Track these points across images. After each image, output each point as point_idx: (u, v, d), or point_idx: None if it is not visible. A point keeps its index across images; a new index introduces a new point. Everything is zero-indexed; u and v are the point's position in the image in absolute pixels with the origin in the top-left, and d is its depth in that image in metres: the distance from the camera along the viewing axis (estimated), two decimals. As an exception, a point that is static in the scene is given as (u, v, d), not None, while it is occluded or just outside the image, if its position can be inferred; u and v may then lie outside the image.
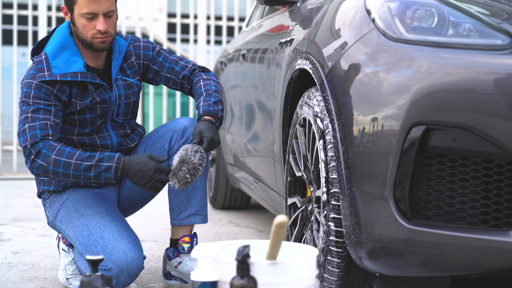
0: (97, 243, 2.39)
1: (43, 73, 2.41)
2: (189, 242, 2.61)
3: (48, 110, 2.40)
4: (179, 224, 2.62)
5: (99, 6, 2.40)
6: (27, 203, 4.76)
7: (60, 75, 2.42)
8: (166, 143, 2.59)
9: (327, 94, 2.12)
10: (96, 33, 2.43)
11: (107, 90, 2.53)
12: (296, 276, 1.68)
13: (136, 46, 2.63)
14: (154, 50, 2.66)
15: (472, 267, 1.85)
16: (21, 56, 10.37)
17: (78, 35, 2.46)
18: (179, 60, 2.68)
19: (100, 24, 2.41)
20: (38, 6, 6.58)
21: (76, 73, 2.44)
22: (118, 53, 2.57)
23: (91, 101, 2.50)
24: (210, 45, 7.12)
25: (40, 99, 2.40)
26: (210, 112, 2.50)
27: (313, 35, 2.36)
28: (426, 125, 1.84)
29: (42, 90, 2.40)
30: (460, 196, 1.85)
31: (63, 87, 2.44)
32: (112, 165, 2.32)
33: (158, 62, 2.66)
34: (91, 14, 2.40)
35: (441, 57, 1.88)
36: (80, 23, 2.43)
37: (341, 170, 2.00)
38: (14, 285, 2.63)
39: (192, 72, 2.67)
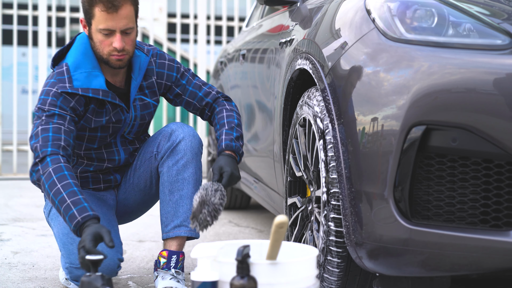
0: (73, 240, 2.39)
1: (65, 84, 2.34)
2: (165, 258, 2.45)
3: (63, 117, 2.32)
4: (166, 237, 2.48)
5: (116, 22, 2.31)
6: (27, 203, 4.76)
7: (82, 89, 2.35)
8: (155, 147, 2.53)
9: (327, 94, 2.12)
10: (112, 50, 2.34)
11: (124, 111, 2.46)
12: (296, 276, 1.68)
13: (160, 64, 2.54)
14: (179, 71, 2.58)
15: (472, 267, 1.85)
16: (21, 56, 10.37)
17: (95, 51, 2.38)
18: (203, 85, 2.61)
19: (116, 42, 2.32)
20: (38, 6, 6.58)
21: (98, 90, 2.37)
22: (138, 71, 2.48)
23: (107, 120, 2.44)
24: (210, 45, 7.12)
25: (56, 106, 2.32)
26: (233, 147, 2.44)
27: (313, 35, 2.36)
28: (426, 125, 1.83)
29: (60, 99, 2.33)
30: (460, 196, 1.85)
31: (81, 100, 2.37)
32: (77, 218, 2.14)
33: (181, 85, 2.58)
34: (108, 30, 2.31)
35: (441, 57, 1.88)
36: (97, 38, 2.35)
37: (341, 170, 2.00)
38: (14, 285, 2.63)
39: (215, 100, 2.60)
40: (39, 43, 6.56)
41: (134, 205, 2.68)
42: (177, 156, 2.48)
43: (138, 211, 2.73)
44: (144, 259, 3.08)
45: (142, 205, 2.69)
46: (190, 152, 2.49)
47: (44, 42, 6.57)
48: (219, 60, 4.64)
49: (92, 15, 2.32)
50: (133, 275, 2.79)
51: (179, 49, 7.01)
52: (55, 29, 6.80)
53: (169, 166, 2.48)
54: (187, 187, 2.47)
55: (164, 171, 2.49)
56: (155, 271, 2.48)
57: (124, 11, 2.32)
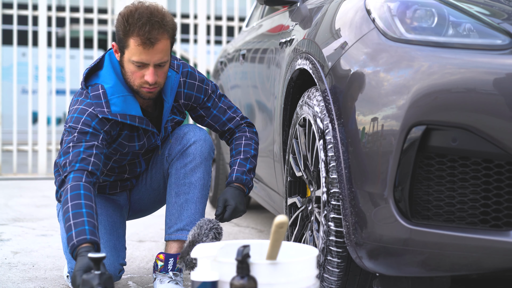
0: None
1: (103, 108, 2.29)
2: (163, 261, 2.44)
3: (95, 135, 2.26)
4: (168, 239, 2.48)
5: (151, 57, 2.23)
6: (27, 203, 4.76)
7: (120, 116, 2.30)
8: (166, 150, 2.52)
9: (327, 94, 2.12)
10: (144, 82, 2.27)
11: (155, 134, 2.44)
12: (296, 276, 1.68)
13: (190, 85, 2.49)
14: (206, 93, 2.53)
15: (472, 267, 1.85)
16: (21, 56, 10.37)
17: (125, 79, 2.32)
18: (228, 109, 2.58)
19: (149, 76, 2.25)
20: (38, 6, 6.58)
21: (135, 117, 2.33)
22: (170, 92, 2.43)
23: (140, 146, 2.42)
24: (210, 45, 7.12)
25: (90, 127, 2.26)
26: (243, 181, 2.45)
27: (313, 35, 2.36)
28: (426, 125, 1.83)
29: (96, 120, 2.28)
30: (460, 196, 1.85)
31: (115, 125, 2.33)
32: (73, 241, 2.07)
33: (206, 107, 2.55)
34: (141, 63, 2.25)
35: (441, 57, 1.88)
36: (129, 68, 2.28)
37: (341, 170, 2.00)
38: (14, 285, 2.63)
39: (237, 126, 2.59)
40: (39, 43, 6.56)
41: (148, 204, 2.70)
42: (186, 159, 2.47)
43: (153, 208, 2.75)
44: (144, 259, 3.08)
45: (156, 203, 2.71)
46: (199, 157, 2.47)
47: (44, 42, 6.57)
48: (219, 60, 4.64)
49: (126, 45, 2.25)
50: (133, 275, 2.79)
51: (179, 49, 7.01)
52: (55, 29, 6.80)
53: (177, 168, 2.48)
54: (193, 191, 2.46)
55: (172, 173, 2.49)
56: (153, 273, 2.48)
57: (160, 45, 2.24)
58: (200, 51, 6.99)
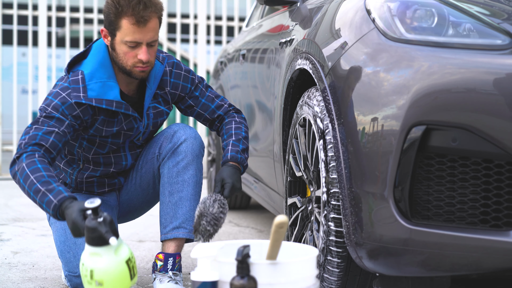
0: (70, 248, 2.40)
1: (79, 93, 2.33)
2: (162, 261, 2.45)
3: (61, 120, 2.30)
4: (164, 239, 2.48)
5: (144, 35, 2.30)
6: (27, 203, 4.76)
7: (96, 100, 2.34)
8: (157, 149, 2.53)
9: (327, 94, 2.12)
10: (137, 62, 2.33)
11: (137, 120, 2.46)
12: (296, 276, 1.68)
13: (176, 74, 2.53)
14: (193, 83, 2.57)
15: (472, 267, 1.85)
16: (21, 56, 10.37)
17: (117, 61, 2.37)
18: (215, 98, 2.61)
19: (142, 54, 2.31)
20: (38, 6, 6.58)
21: (112, 101, 2.36)
22: (153, 79, 2.47)
23: (118, 130, 2.44)
24: (210, 45, 7.12)
25: (58, 112, 2.31)
26: (238, 159, 2.46)
27: (313, 35, 2.36)
28: (426, 125, 1.83)
29: (65, 105, 2.32)
30: (460, 196, 1.85)
31: (88, 111, 2.36)
32: (53, 202, 2.12)
33: (194, 96, 2.58)
34: (134, 42, 2.31)
35: (441, 57, 1.88)
36: (121, 49, 2.33)
37: (341, 170, 2.00)
38: (14, 285, 2.63)
39: (226, 112, 2.62)
40: (39, 43, 6.56)
41: (137, 204, 2.69)
42: (178, 157, 2.48)
43: (141, 209, 2.74)
44: (144, 259, 3.08)
45: (145, 204, 2.70)
46: (191, 154, 2.49)
47: (44, 42, 6.57)
48: (219, 60, 4.64)
49: (118, 27, 2.30)
50: (133, 275, 2.79)
51: (179, 49, 7.01)
52: (55, 29, 6.80)
53: (169, 167, 2.49)
54: (186, 189, 2.47)
55: (164, 172, 2.50)
56: (153, 273, 2.48)
57: (151, 24, 2.31)
58: (200, 51, 6.99)
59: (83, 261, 2.00)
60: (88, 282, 1.99)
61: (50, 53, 8.05)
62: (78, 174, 2.54)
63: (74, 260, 2.36)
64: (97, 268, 1.97)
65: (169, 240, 2.48)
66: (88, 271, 1.98)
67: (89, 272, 1.98)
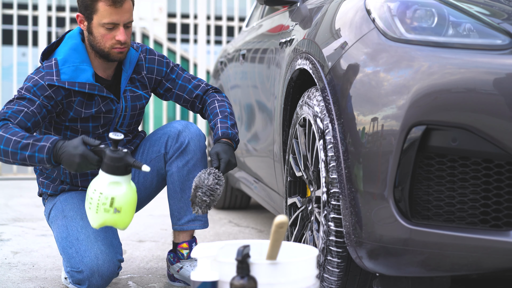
0: (72, 244, 2.42)
1: (52, 76, 2.40)
2: (188, 248, 2.60)
3: (32, 101, 2.37)
4: (180, 229, 2.61)
5: (121, 16, 2.39)
6: (27, 203, 4.76)
7: (68, 83, 2.40)
8: (162, 147, 2.59)
9: (327, 94, 2.12)
10: (115, 43, 2.41)
11: (115, 102, 2.52)
12: (296, 276, 1.68)
13: (150, 60, 2.61)
14: (168, 66, 2.65)
15: (472, 267, 1.85)
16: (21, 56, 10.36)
17: (94, 45, 2.44)
18: (192, 79, 2.68)
19: (120, 35, 2.40)
20: (38, 6, 6.58)
21: (84, 83, 2.43)
22: (129, 64, 2.55)
23: (97, 111, 2.49)
24: (210, 45, 7.12)
25: (30, 93, 2.37)
26: (229, 135, 2.51)
27: (313, 35, 2.36)
28: (426, 125, 1.83)
29: (37, 86, 2.38)
30: (460, 196, 1.85)
31: (61, 91, 2.42)
32: (46, 145, 2.22)
33: (171, 79, 2.65)
34: (112, 24, 2.39)
35: (441, 57, 1.88)
36: (98, 32, 2.41)
37: (341, 170, 2.00)
38: (14, 285, 2.63)
39: (205, 92, 2.67)
40: (39, 43, 6.56)
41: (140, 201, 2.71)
42: (187, 157, 2.55)
43: (139, 207, 2.77)
44: (144, 259, 3.08)
45: (145, 200, 2.75)
46: (199, 152, 2.57)
47: (44, 42, 6.57)
48: (219, 60, 4.64)
49: (95, 10, 2.39)
50: (133, 275, 2.79)
51: (179, 49, 7.01)
52: (55, 29, 6.80)
53: (179, 166, 2.56)
54: None
55: (174, 171, 2.56)
56: (175, 263, 2.60)
57: (127, 5, 2.40)
58: (200, 51, 6.99)
59: (100, 190, 2.19)
60: (105, 210, 2.19)
61: (50, 53, 8.04)
62: None
63: (76, 256, 2.37)
64: (118, 196, 2.19)
65: (184, 231, 2.61)
66: (108, 199, 2.18)
67: (109, 200, 2.18)
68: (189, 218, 2.59)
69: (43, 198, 2.68)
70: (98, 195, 2.19)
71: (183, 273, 2.57)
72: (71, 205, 2.52)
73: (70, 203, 2.53)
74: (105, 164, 2.18)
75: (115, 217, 2.21)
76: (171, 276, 2.66)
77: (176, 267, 2.60)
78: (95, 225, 2.25)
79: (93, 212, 2.21)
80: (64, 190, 2.60)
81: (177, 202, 2.58)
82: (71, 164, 2.20)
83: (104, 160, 2.19)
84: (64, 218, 2.49)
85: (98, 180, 2.22)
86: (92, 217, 2.23)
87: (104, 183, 2.19)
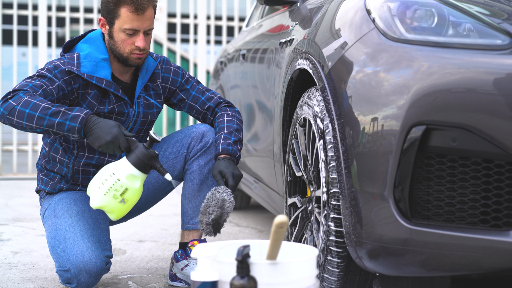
0: (60, 243, 2.43)
1: (73, 66, 2.45)
2: None
3: (52, 80, 2.40)
4: (192, 228, 2.62)
5: (142, 23, 2.43)
6: (27, 203, 4.76)
7: (87, 75, 2.45)
8: (184, 148, 2.62)
9: (327, 94, 2.12)
10: (134, 49, 2.46)
11: (128, 105, 2.55)
12: (296, 276, 1.68)
13: (166, 69, 2.65)
14: (183, 77, 2.68)
15: (472, 267, 1.85)
16: (21, 56, 10.37)
17: (114, 49, 2.49)
18: (206, 91, 2.70)
19: (140, 41, 2.45)
20: (38, 6, 6.58)
21: (102, 79, 2.47)
22: (146, 71, 2.59)
23: (110, 110, 2.52)
24: (210, 45, 7.12)
25: (51, 73, 2.41)
26: (229, 151, 2.52)
27: (313, 35, 2.36)
28: (426, 125, 1.83)
29: (58, 69, 2.43)
30: (460, 196, 1.85)
31: (79, 80, 2.46)
32: (80, 115, 2.30)
33: (185, 89, 2.68)
34: (132, 30, 2.43)
35: (441, 57, 1.88)
36: (119, 37, 2.46)
37: (341, 170, 2.00)
38: (14, 285, 2.63)
39: (217, 104, 2.70)
40: (39, 43, 6.56)
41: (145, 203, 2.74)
42: (209, 156, 2.60)
43: (145, 209, 2.79)
44: (144, 259, 3.08)
45: (153, 202, 2.77)
46: None
47: (44, 42, 6.57)
48: (219, 60, 4.64)
49: (117, 15, 2.44)
50: (133, 275, 2.79)
51: (179, 49, 7.01)
52: (55, 29, 6.80)
53: (200, 165, 2.60)
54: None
55: (194, 169, 2.60)
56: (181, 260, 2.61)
57: (148, 13, 2.45)
58: (200, 51, 6.99)
59: (118, 176, 2.27)
60: (114, 197, 2.27)
61: (50, 53, 8.05)
62: (74, 162, 2.58)
63: (63, 254, 2.39)
64: (132, 189, 2.28)
65: (196, 230, 2.63)
66: (123, 188, 2.27)
67: (123, 188, 2.27)
68: None
69: (40, 196, 2.69)
70: (115, 180, 2.27)
71: (187, 270, 2.58)
72: (63, 205, 2.53)
73: (62, 203, 2.54)
74: (135, 156, 2.27)
75: (117, 206, 2.29)
76: (172, 276, 2.66)
77: (182, 264, 2.61)
78: (95, 205, 2.31)
79: (101, 192, 2.28)
80: (62, 190, 2.61)
81: (193, 200, 2.61)
82: (100, 140, 2.28)
83: (135, 152, 2.27)
84: (55, 217, 2.50)
85: (118, 166, 2.29)
86: (97, 196, 2.29)
87: (124, 172, 2.27)
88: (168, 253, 3.19)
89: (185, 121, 8.74)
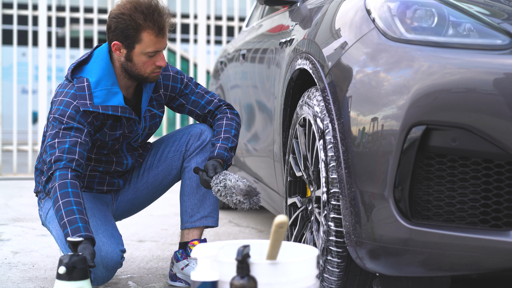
0: None
1: (85, 101, 2.40)
2: None
3: (80, 130, 2.38)
4: (192, 226, 2.64)
5: (162, 44, 2.43)
6: (27, 203, 4.76)
7: (102, 107, 2.42)
8: (183, 146, 2.64)
9: (327, 94, 2.12)
10: (155, 68, 2.46)
11: (137, 122, 2.55)
12: (296, 276, 1.68)
13: (165, 76, 2.63)
14: (182, 82, 2.67)
15: (472, 267, 1.85)
16: (21, 56, 10.37)
17: (132, 71, 2.46)
18: (205, 94, 2.70)
19: (161, 60, 2.44)
20: (38, 6, 6.58)
21: (117, 107, 2.45)
22: (149, 86, 2.57)
23: (122, 133, 2.53)
24: (210, 45, 7.12)
25: (75, 121, 2.38)
26: (224, 157, 2.55)
27: (313, 35, 2.36)
28: (426, 125, 1.83)
29: (79, 113, 2.39)
30: (460, 196, 1.85)
31: (100, 116, 2.44)
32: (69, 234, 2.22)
33: (184, 94, 2.68)
34: (155, 52, 2.43)
35: (441, 57, 1.88)
36: (140, 60, 2.43)
37: (341, 170, 2.00)
38: (14, 285, 2.63)
39: (217, 107, 2.70)
40: (39, 43, 6.56)
41: (142, 202, 2.77)
42: (207, 153, 2.63)
43: (143, 206, 2.82)
44: (144, 259, 3.08)
45: (150, 201, 2.79)
46: None
47: (44, 42, 6.57)
48: (219, 60, 4.64)
49: (139, 40, 2.40)
50: (133, 275, 2.79)
51: (179, 49, 7.01)
52: (55, 29, 6.80)
53: (198, 162, 2.63)
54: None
55: (192, 167, 2.62)
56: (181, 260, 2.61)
57: (166, 31, 2.45)
58: (200, 51, 6.99)
59: None
60: None
61: (50, 53, 8.05)
62: None
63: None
64: None
65: (196, 228, 2.64)
66: None
67: None
68: (202, 214, 2.63)
69: (39, 197, 2.68)
70: None
71: (187, 270, 2.59)
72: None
73: None
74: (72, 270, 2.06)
75: None
76: (172, 276, 2.66)
77: (182, 264, 2.61)
78: None
79: None
80: None
81: (191, 198, 2.63)
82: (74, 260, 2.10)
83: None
84: None
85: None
86: None
87: None
88: (168, 253, 3.19)
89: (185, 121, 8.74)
